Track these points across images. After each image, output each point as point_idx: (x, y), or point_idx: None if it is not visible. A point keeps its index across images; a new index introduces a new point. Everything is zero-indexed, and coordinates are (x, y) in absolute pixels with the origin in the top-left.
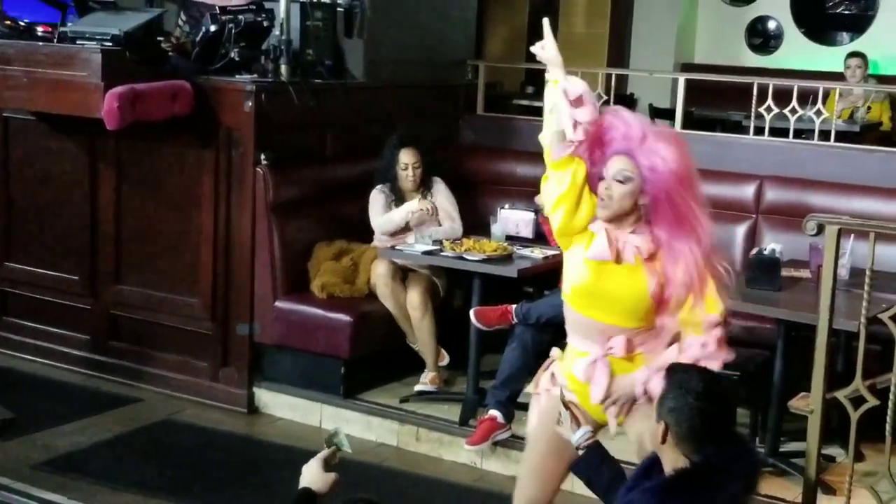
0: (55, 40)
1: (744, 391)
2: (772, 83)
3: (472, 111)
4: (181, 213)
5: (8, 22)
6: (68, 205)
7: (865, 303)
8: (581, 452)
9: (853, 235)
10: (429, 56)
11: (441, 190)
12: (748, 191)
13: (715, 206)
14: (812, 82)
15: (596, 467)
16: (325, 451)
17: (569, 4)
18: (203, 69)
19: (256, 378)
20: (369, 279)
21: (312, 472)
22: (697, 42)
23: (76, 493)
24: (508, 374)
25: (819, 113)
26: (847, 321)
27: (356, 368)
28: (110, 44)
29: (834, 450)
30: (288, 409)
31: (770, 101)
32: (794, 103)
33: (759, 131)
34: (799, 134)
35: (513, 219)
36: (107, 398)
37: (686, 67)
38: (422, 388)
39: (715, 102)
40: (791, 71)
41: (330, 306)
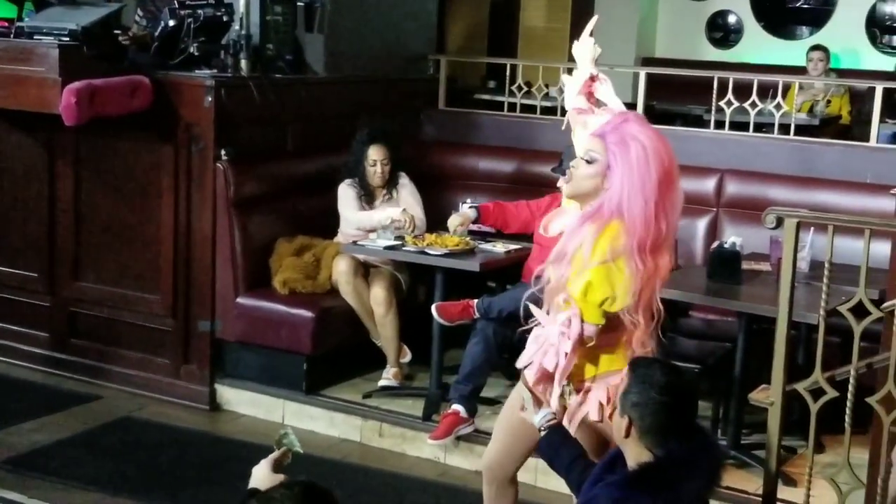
0: (12, 35)
1: (705, 384)
2: (732, 77)
3: (434, 106)
4: (141, 210)
5: None
6: (27, 201)
7: (825, 295)
8: (542, 434)
9: (813, 228)
10: (389, 51)
11: (406, 185)
12: (709, 185)
13: None
14: (772, 76)
15: (557, 448)
16: (277, 453)
17: None
18: (162, 64)
19: (218, 375)
20: (331, 275)
21: (261, 474)
22: (658, 36)
23: (36, 492)
24: (471, 369)
25: (779, 107)
26: (807, 313)
27: (318, 364)
28: (68, 39)
29: (794, 441)
30: (250, 406)
31: (730, 95)
32: (754, 97)
33: (720, 125)
34: (759, 128)
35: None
36: (67, 396)
37: (647, 62)
38: (385, 384)
39: (675, 97)
40: (751, 65)
41: (292, 302)
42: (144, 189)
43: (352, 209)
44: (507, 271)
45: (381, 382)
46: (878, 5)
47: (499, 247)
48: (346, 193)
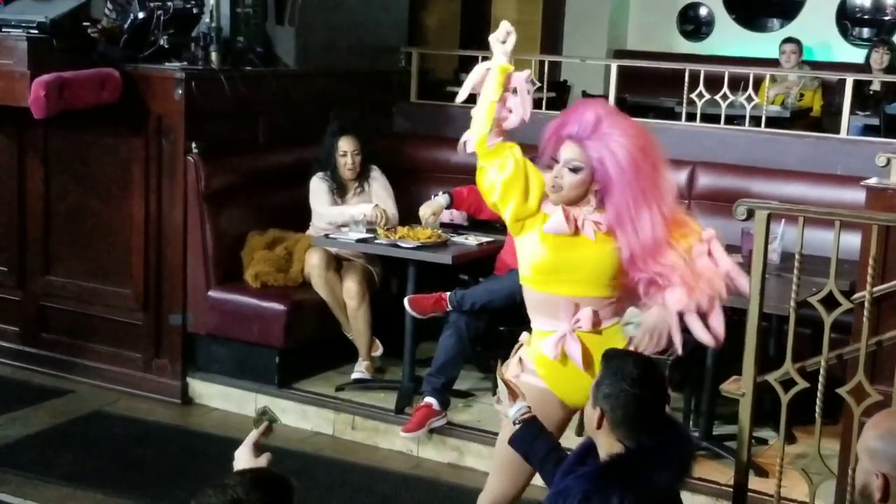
0: None
1: (677, 375)
2: (703, 69)
3: (406, 98)
4: (111, 203)
5: None
6: None
7: (795, 286)
8: (517, 427)
9: (784, 220)
10: (361, 43)
11: (378, 178)
12: (680, 177)
13: None
14: (743, 68)
15: (531, 441)
16: (254, 434)
17: None
18: (132, 57)
19: (190, 368)
20: (303, 268)
21: (243, 458)
22: (630, 29)
23: (6, 487)
24: (444, 362)
25: (750, 99)
26: (778, 305)
27: (291, 358)
28: (36, 31)
29: (766, 432)
30: (222, 400)
31: (702, 88)
32: (726, 89)
33: (691, 117)
34: (730, 120)
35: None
36: (37, 390)
37: (618, 54)
38: (358, 376)
39: (647, 89)
40: (722, 57)
41: (264, 295)
42: (115, 182)
43: (324, 204)
44: (480, 264)
45: (354, 375)
46: None
47: (471, 240)
48: (318, 187)
